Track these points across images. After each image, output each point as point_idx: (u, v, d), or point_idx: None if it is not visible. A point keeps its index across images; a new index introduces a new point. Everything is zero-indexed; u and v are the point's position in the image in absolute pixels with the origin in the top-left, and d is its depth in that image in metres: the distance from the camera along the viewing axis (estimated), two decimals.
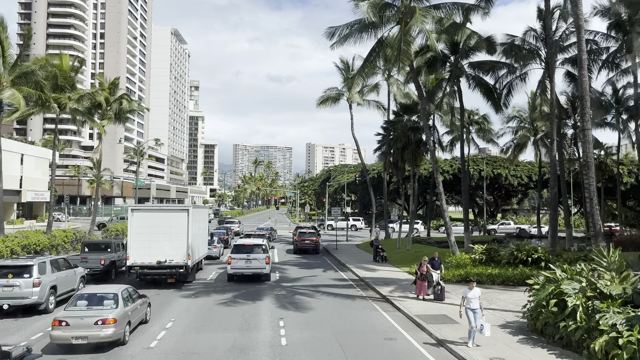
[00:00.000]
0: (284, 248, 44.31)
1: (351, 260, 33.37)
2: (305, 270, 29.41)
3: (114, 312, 13.35)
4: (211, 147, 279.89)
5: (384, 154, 40.21)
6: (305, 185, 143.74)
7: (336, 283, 24.88)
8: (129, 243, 22.45)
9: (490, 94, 30.40)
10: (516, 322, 16.08)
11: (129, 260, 22.37)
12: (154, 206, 24.14)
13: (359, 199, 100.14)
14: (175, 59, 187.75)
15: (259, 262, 24.14)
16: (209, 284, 24.37)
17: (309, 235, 40.18)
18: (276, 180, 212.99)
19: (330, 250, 41.45)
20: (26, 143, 68.76)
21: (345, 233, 54.95)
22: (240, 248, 24.53)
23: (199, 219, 25.83)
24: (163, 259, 22.46)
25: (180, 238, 22.72)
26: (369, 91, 50.06)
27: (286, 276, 26.93)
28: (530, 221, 79.75)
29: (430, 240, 42.37)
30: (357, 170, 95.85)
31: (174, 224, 22.79)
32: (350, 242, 49.23)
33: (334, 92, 51.75)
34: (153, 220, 22.68)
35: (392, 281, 24.41)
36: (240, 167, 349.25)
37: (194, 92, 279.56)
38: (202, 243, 27.37)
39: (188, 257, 22.67)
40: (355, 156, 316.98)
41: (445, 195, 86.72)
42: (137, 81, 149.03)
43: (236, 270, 24.10)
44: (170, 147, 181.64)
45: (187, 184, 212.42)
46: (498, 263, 25.09)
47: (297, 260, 35.18)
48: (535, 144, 56.64)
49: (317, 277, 26.74)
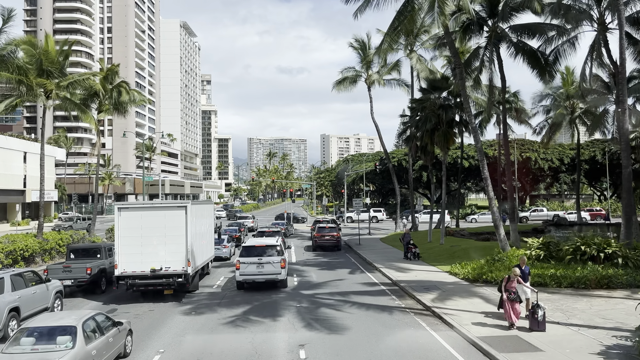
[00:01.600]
0: (301, 244, 40.46)
1: (379, 258, 29.37)
2: (328, 272, 25.48)
3: (69, 354, 9.53)
4: (225, 141, 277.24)
5: (410, 138, 36.00)
6: (321, 176, 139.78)
7: (366, 289, 20.90)
8: (117, 248, 18.71)
9: (536, 61, 25.96)
10: (620, 347, 11.91)
11: (117, 269, 18.64)
12: (146, 203, 20.31)
13: (377, 189, 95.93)
14: (186, 52, 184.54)
15: (273, 266, 20.24)
16: (215, 293, 20.57)
17: (329, 231, 36.24)
18: (291, 172, 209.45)
19: (353, 246, 37.48)
20: (30, 140, 65.75)
21: (367, 225, 50.88)
22: (250, 250, 20.65)
23: (201, 216, 22.02)
24: (158, 267, 18.70)
25: (178, 240, 18.92)
26: (388, 70, 45.76)
27: (306, 280, 23.02)
28: (564, 207, 74.87)
29: (463, 232, 38.12)
30: (375, 158, 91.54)
31: (169, 224, 19.00)
32: (373, 236, 45.18)
33: (352, 73, 47.59)
34: (145, 220, 18.91)
35: (433, 285, 20.35)
36: (255, 160, 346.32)
37: (206, 87, 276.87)
38: (207, 244, 23.59)
39: (188, 263, 18.87)
40: (371, 145, 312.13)
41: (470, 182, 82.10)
42: (147, 75, 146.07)
43: (246, 276, 20.24)
44: (183, 142, 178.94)
45: (202, 179, 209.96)
46: (559, 260, 20.88)
47: (317, 259, 31.27)
48: (572, 123, 51.87)
49: (343, 282, 22.79)
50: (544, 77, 26.64)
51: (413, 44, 41.82)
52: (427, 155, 34.39)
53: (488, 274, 20.25)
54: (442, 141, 31.34)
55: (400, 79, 48.03)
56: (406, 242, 28.80)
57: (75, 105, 31.54)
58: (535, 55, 26.16)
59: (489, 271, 20.48)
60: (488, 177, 23.08)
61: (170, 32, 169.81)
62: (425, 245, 32.96)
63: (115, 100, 36.76)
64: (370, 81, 47.13)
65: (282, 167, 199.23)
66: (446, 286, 20.05)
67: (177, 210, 19.13)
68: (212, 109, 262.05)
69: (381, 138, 47.67)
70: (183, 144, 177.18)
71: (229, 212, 77.47)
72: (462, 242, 32.97)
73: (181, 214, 19.05)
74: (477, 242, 32.12)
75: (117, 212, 18.84)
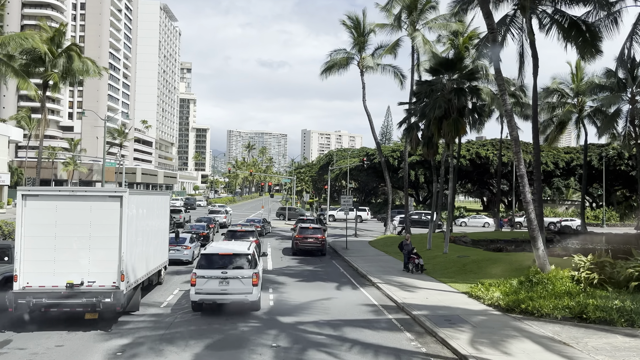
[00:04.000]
0: (279, 246, 35.13)
1: (373, 269, 24.23)
2: (312, 287, 20.20)
3: None
4: (203, 132, 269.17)
5: (410, 128, 30.91)
6: (301, 171, 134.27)
7: (365, 316, 15.70)
8: (18, 253, 13.13)
9: (578, 33, 21.07)
10: None
11: (17, 282, 13.07)
12: (63, 190, 14.54)
13: (361, 187, 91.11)
14: (165, 37, 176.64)
15: (242, 283, 14.87)
16: (162, 316, 15.11)
17: (312, 232, 30.97)
18: (271, 166, 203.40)
19: (339, 250, 32.32)
20: None
21: (351, 226, 45.66)
22: (211, 260, 15.20)
23: (149, 210, 16.53)
24: (77, 280, 13.19)
25: (109, 244, 13.44)
26: (386, 51, 40.56)
27: (285, 299, 17.70)
28: (556, 213, 71.06)
29: (465, 239, 33.24)
30: (360, 154, 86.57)
31: (97, 221, 13.49)
32: (360, 238, 40.11)
33: (342, 55, 42.29)
34: (61, 214, 13.36)
35: (455, 315, 15.26)
36: (234, 153, 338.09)
37: (186, 75, 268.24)
38: (158, 247, 18.09)
39: (121, 276, 13.39)
40: (352, 143, 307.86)
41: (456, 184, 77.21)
42: (122, 57, 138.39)
43: (205, 296, 14.83)
44: (159, 129, 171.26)
45: (177, 169, 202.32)
46: (618, 286, 16.01)
47: (298, 267, 25.98)
48: (579, 123, 47.62)
49: (332, 302, 17.53)
50: (586, 53, 21.81)
51: (416, 22, 36.75)
52: (430, 148, 29.32)
53: (528, 302, 15.24)
54: (452, 131, 26.29)
55: (396, 66, 42.94)
56: (407, 251, 23.70)
57: (7, 66, 25.53)
58: (576, 27, 21.27)
59: (529, 298, 15.48)
60: (525, 175, 18.06)
61: (149, 14, 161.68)
62: (426, 253, 27.91)
63: (64, 66, 30.79)
64: (364, 65, 41.94)
65: (261, 161, 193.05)
66: (474, 317, 14.97)
67: (108, 202, 13.61)
68: (191, 98, 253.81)
69: (373, 128, 42.62)
70: (158, 132, 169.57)
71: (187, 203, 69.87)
72: (468, 251, 28.07)
73: (114, 207, 13.54)
74: (487, 252, 27.24)
75: (21, 201, 13.22)
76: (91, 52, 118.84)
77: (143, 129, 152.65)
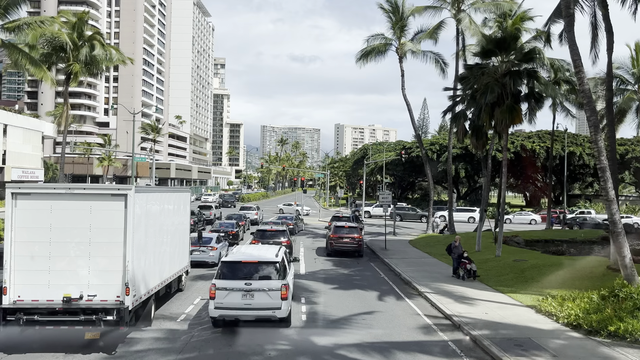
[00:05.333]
0: (312, 245, 32.86)
1: (418, 274, 21.63)
2: (351, 297, 17.78)
3: None
4: (237, 127, 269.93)
5: (457, 116, 28.00)
6: (335, 166, 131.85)
7: (415, 337, 13.19)
8: (7, 262, 11.20)
9: None
10: None
11: (7, 295, 11.15)
12: (59, 187, 12.39)
13: (397, 181, 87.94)
14: (198, 32, 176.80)
15: (269, 296, 12.59)
16: (177, 334, 13.00)
17: (348, 231, 28.53)
18: (304, 161, 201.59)
19: (377, 250, 29.77)
20: (11, 112, 58.74)
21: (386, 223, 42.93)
22: (233, 269, 12.97)
23: (163, 209, 14.43)
24: (75, 294, 11.18)
25: (111, 251, 11.37)
26: (427, 34, 37.57)
27: (320, 314, 15.32)
28: None
29: (518, 239, 30.13)
30: (396, 148, 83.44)
31: (98, 224, 11.43)
32: (399, 237, 37.39)
33: (379, 41, 39.54)
34: (56, 215, 11.35)
35: (524, 336, 12.59)
36: (268, 149, 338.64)
37: (220, 70, 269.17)
38: (176, 251, 16.01)
39: (126, 290, 11.30)
40: (387, 137, 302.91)
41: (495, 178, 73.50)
42: (156, 53, 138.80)
43: (225, 311, 12.61)
44: (193, 125, 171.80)
45: (211, 164, 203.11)
46: None
47: (334, 270, 23.60)
48: None
49: (375, 317, 15.07)
50: None
51: (461, 2, 33.69)
52: (479, 139, 26.40)
53: (617, 323, 12.43)
54: (506, 119, 23.33)
55: (438, 53, 39.87)
56: (457, 254, 20.99)
57: (22, 54, 23.97)
58: None
59: (618, 318, 12.66)
60: (607, 168, 15.09)
61: (182, 10, 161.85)
62: (475, 256, 24.96)
63: (87, 56, 29.23)
64: (403, 51, 39.09)
65: (294, 156, 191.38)
66: (549, 341, 12.25)
67: (110, 201, 11.50)
68: (224, 93, 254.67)
69: (412, 117, 39.68)
70: (193, 127, 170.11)
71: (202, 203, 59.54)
72: (524, 253, 25.06)
73: (117, 208, 11.44)
74: (547, 255, 24.22)
75: (11, 201, 11.25)
76: (126, 48, 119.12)
77: (177, 125, 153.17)
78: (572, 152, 64.81)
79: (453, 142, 42.09)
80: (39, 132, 62.54)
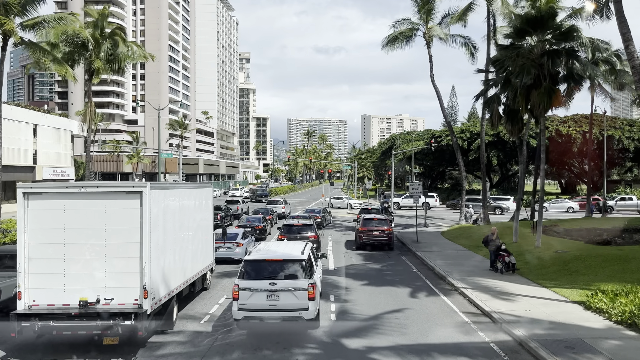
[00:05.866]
0: (340, 238, 32.03)
1: (452, 268, 20.59)
2: (382, 293, 16.88)
3: None
4: (263, 121, 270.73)
5: (490, 101, 26.60)
6: (362, 157, 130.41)
7: (454, 337, 12.22)
8: (21, 265, 10.70)
9: None
10: None
11: (22, 299, 10.67)
12: (72, 186, 11.79)
13: (426, 171, 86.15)
14: (222, 27, 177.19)
15: (296, 296, 11.82)
16: (200, 337, 12.35)
17: (377, 224, 27.56)
18: (331, 154, 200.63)
19: (408, 243, 28.74)
20: (41, 112, 59.54)
21: (417, 214, 41.82)
22: (257, 268, 12.24)
23: (184, 205, 13.80)
24: (92, 297, 10.64)
25: (127, 252, 10.77)
26: (453, 21, 36.07)
27: (350, 313, 14.50)
28: None
29: (557, 229, 28.64)
30: (425, 137, 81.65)
31: (112, 224, 10.83)
32: (431, 229, 36.28)
33: (406, 26, 38.17)
34: (70, 215, 10.80)
35: (572, 334, 11.51)
36: (295, 142, 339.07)
37: (245, 65, 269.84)
38: (199, 249, 15.40)
39: (144, 292, 10.68)
40: (414, 127, 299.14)
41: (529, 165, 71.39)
42: (181, 49, 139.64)
43: (249, 313, 11.87)
44: (220, 120, 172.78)
45: (239, 159, 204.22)
46: None
47: (364, 265, 22.73)
48: None
49: (409, 315, 14.16)
50: None
51: None
52: (515, 124, 24.98)
53: None
54: (544, 102, 21.89)
55: (467, 36, 38.22)
56: (495, 246, 19.84)
57: (43, 52, 23.73)
58: None
59: None
60: None
61: (206, 5, 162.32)
62: (512, 247, 23.63)
63: (108, 52, 28.95)
64: (430, 35, 37.67)
65: (321, 148, 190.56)
66: (603, 342, 11.13)
67: (125, 199, 10.87)
68: (250, 87, 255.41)
69: (442, 104, 38.31)
70: (219, 122, 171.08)
71: (229, 198, 58.79)
72: (565, 244, 23.68)
73: (133, 206, 10.80)
74: (591, 246, 22.79)
75: (23, 201, 10.74)
76: (151, 45, 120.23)
77: (204, 120, 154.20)
78: (611, 135, 61.98)
79: (486, 129, 40.55)
80: (68, 131, 63.31)
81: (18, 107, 54.92)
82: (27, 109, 57.03)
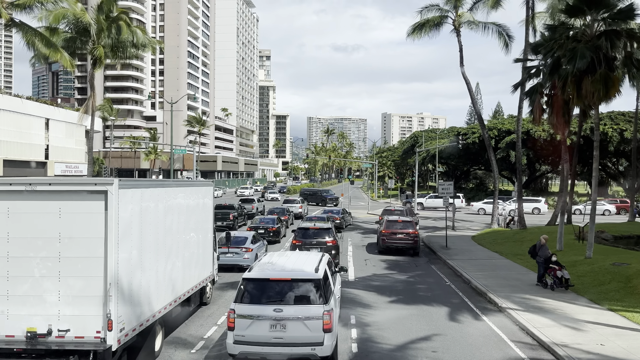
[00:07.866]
0: (361, 242, 29.36)
1: (492, 281, 17.75)
2: (413, 313, 14.16)
3: None
4: (283, 118, 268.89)
5: (533, 91, 23.58)
6: (383, 155, 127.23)
7: None
8: None
9: None
10: None
11: None
12: (15, 182, 9.41)
13: (450, 170, 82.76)
14: (242, 23, 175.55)
15: (307, 327, 9.20)
16: None
17: (402, 226, 24.87)
18: (350, 152, 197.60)
19: (437, 249, 25.91)
20: (53, 106, 58.11)
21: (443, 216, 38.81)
22: (258, 289, 9.62)
23: (170, 208, 11.27)
24: (42, 328, 8.17)
25: (88, 269, 8.28)
26: (489, 4, 33.06)
27: (375, 341, 11.81)
28: None
29: (605, 236, 25.46)
30: (450, 134, 78.30)
31: (69, 232, 8.34)
32: (460, 232, 33.37)
33: (434, 13, 35.25)
34: (15, 221, 8.36)
35: None
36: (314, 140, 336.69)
37: (265, 62, 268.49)
38: (193, 260, 12.88)
39: (108, 323, 8.18)
40: (436, 125, 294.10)
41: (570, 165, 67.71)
42: (201, 45, 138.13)
43: (248, 347, 9.28)
44: (239, 117, 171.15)
45: (258, 156, 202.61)
46: None
47: (388, 275, 20.01)
48: None
49: (448, 345, 11.44)
50: None
51: None
52: (562, 117, 21.98)
53: None
54: (599, 91, 18.89)
55: (501, 24, 35.13)
56: (544, 257, 16.95)
57: (35, 34, 21.55)
58: None
59: None
60: None
61: (226, 1, 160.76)
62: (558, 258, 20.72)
63: (113, 38, 26.74)
64: (460, 23, 34.71)
65: (340, 146, 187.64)
66: None
67: (86, 201, 8.36)
68: (270, 85, 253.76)
69: (473, 96, 35.23)
70: (239, 120, 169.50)
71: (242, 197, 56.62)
72: (621, 254, 20.59)
73: (96, 210, 8.29)
74: None
75: None
76: (171, 42, 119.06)
77: (223, 117, 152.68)
78: None
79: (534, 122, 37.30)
80: (82, 126, 61.69)
81: (29, 100, 53.46)
82: (40, 102, 55.56)
